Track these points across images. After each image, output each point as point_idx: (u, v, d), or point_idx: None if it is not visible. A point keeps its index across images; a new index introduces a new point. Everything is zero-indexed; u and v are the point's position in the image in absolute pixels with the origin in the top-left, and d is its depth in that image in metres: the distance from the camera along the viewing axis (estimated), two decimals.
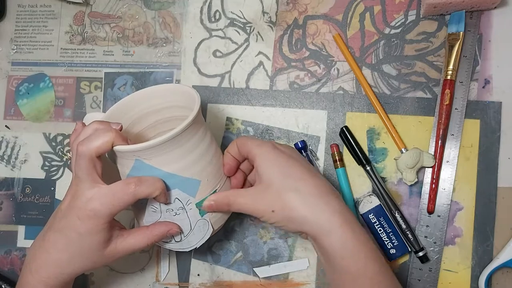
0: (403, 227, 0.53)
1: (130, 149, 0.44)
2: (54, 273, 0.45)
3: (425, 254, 0.53)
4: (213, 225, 0.48)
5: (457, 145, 0.54)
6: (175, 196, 0.46)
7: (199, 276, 0.58)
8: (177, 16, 0.61)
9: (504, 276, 0.53)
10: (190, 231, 0.48)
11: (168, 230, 0.46)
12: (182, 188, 0.46)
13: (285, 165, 0.45)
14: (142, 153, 0.44)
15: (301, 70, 0.58)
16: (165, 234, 0.46)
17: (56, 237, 0.45)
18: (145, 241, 0.46)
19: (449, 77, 0.54)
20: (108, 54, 0.61)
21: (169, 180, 0.45)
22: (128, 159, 0.45)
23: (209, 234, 0.48)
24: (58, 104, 0.62)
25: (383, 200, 0.54)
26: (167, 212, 0.47)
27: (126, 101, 0.52)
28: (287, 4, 0.59)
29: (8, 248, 0.60)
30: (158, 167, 0.45)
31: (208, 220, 0.48)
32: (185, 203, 0.46)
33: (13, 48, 0.63)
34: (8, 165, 0.61)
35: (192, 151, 0.46)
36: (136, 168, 0.45)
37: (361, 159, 0.54)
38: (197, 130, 0.46)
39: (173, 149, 0.44)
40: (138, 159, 0.44)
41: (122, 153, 0.45)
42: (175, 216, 0.47)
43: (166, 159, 0.44)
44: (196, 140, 0.46)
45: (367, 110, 0.56)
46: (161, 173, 0.45)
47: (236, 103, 0.59)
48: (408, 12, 0.57)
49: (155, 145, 0.43)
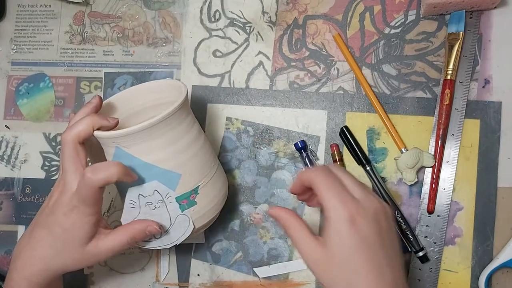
0: (403, 227, 0.53)
1: (108, 136, 0.44)
2: (39, 270, 0.45)
3: (425, 254, 0.53)
4: (194, 223, 0.48)
5: (457, 145, 0.54)
6: (154, 188, 0.45)
7: (199, 276, 0.58)
8: (177, 16, 0.61)
9: (504, 276, 0.53)
10: (170, 226, 0.47)
11: (147, 226, 0.45)
12: (162, 180, 0.45)
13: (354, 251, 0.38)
14: (121, 140, 0.44)
15: (301, 70, 0.58)
16: (144, 231, 0.45)
17: (42, 234, 0.45)
18: (124, 239, 0.45)
19: (449, 77, 0.54)
20: (108, 54, 0.61)
21: (148, 171, 0.45)
22: (109, 146, 0.45)
23: (189, 231, 0.47)
24: (58, 104, 0.62)
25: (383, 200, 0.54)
26: (146, 206, 0.46)
27: (121, 95, 0.53)
28: (287, 4, 0.59)
29: (8, 248, 0.60)
30: (137, 156, 0.44)
31: (189, 216, 0.47)
32: (164, 196, 0.46)
33: (13, 48, 0.63)
34: (8, 165, 0.61)
35: (174, 143, 0.45)
36: (117, 157, 0.45)
37: (361, 159, 0.54)
38: (180, 122, 0.46)
39: (153, 138, 0.44)
40: (118, 147, 0.44)
41: (102, 140, 0.45)
42: (155, 210, 0.46)
43: (145, 148, 0.44)
44: (179, 131, 0.45)
45: (367, 110, 0.56)
46: (140, 163, 0.44)
47: (236, 103, 0.59)
48: (408, 12, 0.57)
49: (133, 132, 0.43)
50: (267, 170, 0.57)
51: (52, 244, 0.45)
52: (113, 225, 0.59)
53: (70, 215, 0.44)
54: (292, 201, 0.57)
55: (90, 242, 0.45)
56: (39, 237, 0.45)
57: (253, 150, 0.58)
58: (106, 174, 0.42)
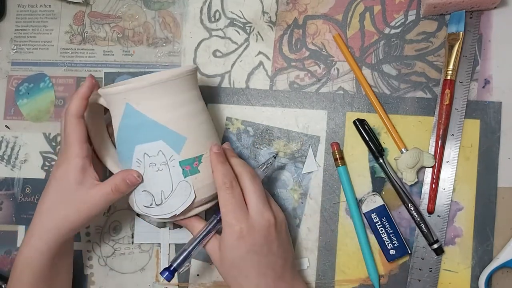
0: (417, 219, 0.53)
1: (120, 90, 0.46)
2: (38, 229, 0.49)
3: (440, 246, 0.53)
4: (196, 193, 0.48)
5: (457, 145, 0.54)
6: (159, 148, 0.47)
7: (198, 276, 0.58)
8: (177, 16, 0.61)
9: (504, 276, 0.53)
10: (171, 192, 0.48)
11: (127, 175, 0.48)
12: (167, 141, 0.47)
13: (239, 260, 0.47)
14: (131, 95, 0.46)
15: (301, 70, 0.58)
16: (125, 179, 0.48)
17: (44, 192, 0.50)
18: (108, 189, 0.48)
19: (449, 77, 0.54)
20: (108, 54, 0.61)
21: (155, 130, 0.46)
22: (119, 104, 0.47)
23: (190, 200, 0.48)
24: (58, 104, 0.62)
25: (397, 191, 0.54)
26: (150, 166, 0.47)
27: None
28: (287, 4, 0.59)
29: (8, 248, 0.60)
30: (145, 113, 0.46)
31: (191, 184, 0.48)
32: (168, 158, 0.47)
33: (13, 48, 0.63)
34: (8, 165, 0.61)
35: (182, 106, 0.47)
36: (127, 115, 0.47)
37: (378, 150, 0.54)
38: (188, 89, 0.48)
39: (161, 96, 0.46)
40: (128, 104, 0.46)
41: (112, 98, 0.47)
42: (158, 172, 0.47)
43: (154, 106, 0.46)
44: (186, 97, 0.48)
45: (367, 110, 0.56)
46: (148, 120, 0.46)
47: (236, 103, 0.59)
48: (408, 12, 0.57)
49: (144, 86, 0.45)
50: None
51: (48, 197, 0.49)
52: (113, 225, 0.59)
53: (60, 165, 0.49)
54: (292, 201, 0.57)
55: (79, 189, 0.48)
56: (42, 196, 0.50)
57: (253, 150, 0.58)
58: (76, 96, 0.49)
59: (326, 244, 0.56)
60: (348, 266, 0.55)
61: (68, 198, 0.49)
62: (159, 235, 0.58)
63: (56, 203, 0.49)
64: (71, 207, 0.48)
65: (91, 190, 0.49)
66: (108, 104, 0.50)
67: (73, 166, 0.48)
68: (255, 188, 0.48)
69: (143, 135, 0.47)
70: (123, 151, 0.49)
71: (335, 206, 0.56)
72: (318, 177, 0.57)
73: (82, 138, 0.49)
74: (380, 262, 0.55)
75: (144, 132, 0.47)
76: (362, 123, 0.55)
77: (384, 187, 0.55)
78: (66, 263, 0.53)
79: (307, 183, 0.57)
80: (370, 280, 0.54)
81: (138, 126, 0.47)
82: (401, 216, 0.55)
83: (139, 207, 0.50)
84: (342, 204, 0.56)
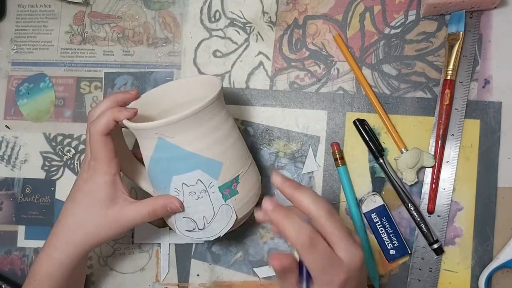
0: (417, 219, 0.53)
1: (152, 126, 0.45)
2: (61, 243, 0.47)
3: (440, 246, 0.53)
4: (237, 213, 0.48)
5: (457, 145, 0.54)
6: (197, 177, 0.46)
7: (198, 276, 0.58)
8: (177, 16, 0.61)
9: (504, 276, 0.53)
10: (213, 217, 0.48)
11: (169, 203, 0.47)
12: (204, 169, 0.46)
13: None
14: (164, 129, 0.45)
15: (301, 70, 0.58)
16: (166, 206, 0.47)
17: (66, 205, 0.48)
18: (146, 211, 0.47)
19: (449, 77, 0.54)
20: (108, 54, 0.61)
21: (192, 160, 0.46)
22: (150, 138, 0.46)
23: (232, 222, 0.48)
24: (58, 104, 0.62)
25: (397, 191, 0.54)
26: (189, 195, 0.47)
27: (152, 93, 0.54)
28: (287, 4, 0.59)
29: (8, 248, 0.60)
30: (180, 146, 0.45)
31: (232, 206, 0.48)
32: (207, 186, 0.47)
33: (13, 48, 0.63)
34: (8, 165, 0.61)
35: (214, 132, 0.47)
36: (160, 148, 0.46)
37: (378, 151, 0.54)
38: (218, 111, 0.47)
39: (195, 127, 0.45)
40: (161, 138, 0.45)
41: (143, 132, 0.46)
42: (198, 200, 0.47)
43: (188, 138, 0.45)
44: (217, 121, 0.47)
45: (367, 110, 0.56)
46: (184, 153, 0.45)
47: (236, 103, 0.59)
48: (408, 12, 0.57)
49: (177, 121, 0.44)
50: (267, 170, 0.57)
51: (74, 211, 0.47)
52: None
53: (88, 180, 0.47)
54: None
55: (112, 206, 0.47)
56: (63, 209, 0.48)
57: (253, 150, 0.58)
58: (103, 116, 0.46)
59: None
60: None
61: (99, 215, 0.47)
62: (159, 235, 0.58)
63: (84, 218, 0.47)
64: (101, 224, 0.47)
65: (124, 208, 0.47)
66: (138, 136, 0.48)
67: (102, 183, 0.47)
68: (336, 227, 0.39)
69: (179, 166, 0.46)
70: (159, 180, 0.49)
71: (335, 206, 0.56)
72: (318, 177, 0.57)
73: (111, 155, 0.47)
74: (380, 262, 0.55)
75: (181, 163, 0.46)
76: (362, 123, 0.55)
77: (384, 187, 0.55)
78: (82, 271, 0.54)
79: (307, 183, 0.57)
80: (370, 280, 0.54)
81: (173, 158, 0.46)
82: (401, 216, 0.55)
83: (182, 232, 0.49)
84: (342, 204, 0.56)
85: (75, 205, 0.48)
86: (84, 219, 0.47)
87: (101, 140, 0.46)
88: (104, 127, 0.46)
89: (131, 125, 0.46)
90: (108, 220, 0.47)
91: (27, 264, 0.60)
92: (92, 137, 0.47)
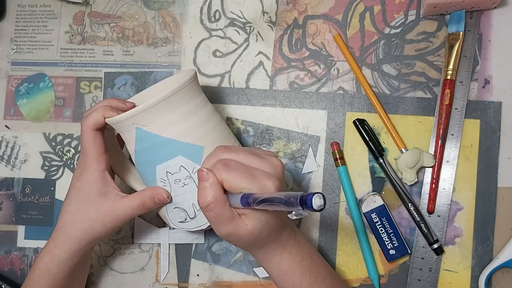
0: (417, 219, 0.53)
1: (126, 116, 0.45)
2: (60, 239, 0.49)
3: (440, 246, 0.53)
4: None
5: (457, 145, 0.54)
6: (179, 164, 0.46)
7: (198, 276, 0.58)
8: (177, 16, 0.61)
9: (504, 276, 0.53)
10: None
11: (156, 194, 0.48)
12: (186, 155, 0.46)
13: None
14: (139, 118, 0.45)
15: (301, 70, 0.58)
16: (154, 197, 0.48)
17: (63, 204, 0.50)
18: (135, 204, 0.48)
19: (449, 77, 0.54)
20: (108, 54, 0.61)
21: (171, 147, 0.46)
22: (129, 131, 0.47)
23: None
24: (58, 104, 0.62)
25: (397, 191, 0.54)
26: (175, 183, 0.47)
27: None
28: (287, 4, 0.59)
29: (8, 248, 0.60)
30: (158, 133, 0.46)
31: None
32: (191, 171, 0.47)
33: (13, 48, 0.63)
34: (8, 165, 0.61)
35: (191, 116, 0.47)
36: (139, 138, 0.46)
37: (378, 151, 0.54)
38: (193, 96, 0.47)
39: (168, 112, 0.45)
40: (138, 127, 0.46)
41: (121, 125, 0.47)
42: (184, 187, 0.47)
43: (164, 124, 0.46)
44: (194, 106, 0.47)
45: (367, 110, 0.56)
46: (162, 140, 0.46)
47: (236, 103, 0.59)
48: (408, 12, 0.57)
49: (149, 107, 0.44)
50: None
51: (69, 208, 0.49)
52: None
53: (80, 177, 0.49)
54: None
55: (104, 201, 0.48)
56: (62, 206, 0.50)
57: None
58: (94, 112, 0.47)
59: (326, 244, 0.56)
60: (348, 266, 0.55)
61: (92, 210, 0.48)
62: (159, 235, 0.58)
63: (79, 214, 0.48)
64: (95, 219, 0.48)
65: (116, 202, 0.48)
66: (119, 131, 0.49)
67: (93, 179, 0.48)
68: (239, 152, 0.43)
69: (160, 154, 0.47)
70: (145, 173, 0.49)
71: (335, 206, 0.56)
72: (318, 177, 0.57)
73: (100, 151, 0.48)
74: (380, 262, 0.55)
75: (161, 151, 0.46)
76: (362, 123, 0.55)
77: (384, 187, 0.55)
78: (83, 271, 0.54)
79: (307, 183, 0.57)
80: (370, 280, 0.54)
81: (153, 147, 0.47)
82: (401, 216, 0.55)
83: (175, 224, 0.50)
84: (342, 204, 0.56)
85: (70, 202, 0.49)
86: (78, 215, 0.48)
87: (91, 135, 0.48)
88: (94, 122, 0.47)
89: (109, 120, 0.47)
90: (102, 215, 0.48)
91: (27, 264, 0.60)
92: (82, 132, 0.48)
